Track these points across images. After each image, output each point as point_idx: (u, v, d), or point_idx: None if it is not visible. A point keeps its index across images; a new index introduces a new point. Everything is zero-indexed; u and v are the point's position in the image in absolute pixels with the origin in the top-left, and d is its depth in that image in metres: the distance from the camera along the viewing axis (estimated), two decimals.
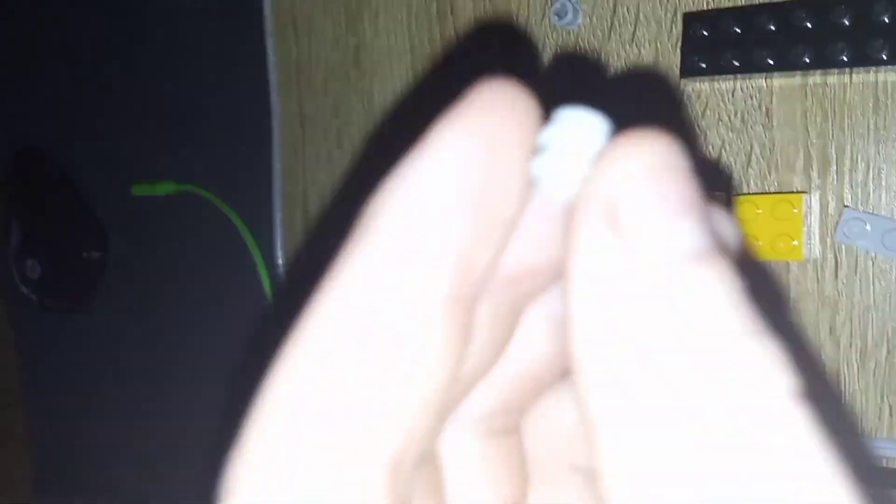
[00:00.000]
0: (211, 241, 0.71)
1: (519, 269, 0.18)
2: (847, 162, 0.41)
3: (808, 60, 0.41)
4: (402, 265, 0.15)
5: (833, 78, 0.42)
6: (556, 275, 0.18)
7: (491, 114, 0.16)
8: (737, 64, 0.44)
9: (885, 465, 0.40)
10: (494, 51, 0.54)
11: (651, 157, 0.15)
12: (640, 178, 0.15)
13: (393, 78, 0.60)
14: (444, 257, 0.15)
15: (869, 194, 0.41)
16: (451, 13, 0.56)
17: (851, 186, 0.41)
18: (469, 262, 0.16)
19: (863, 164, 0.41)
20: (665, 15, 0.47)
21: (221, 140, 0.71)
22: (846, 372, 0.41)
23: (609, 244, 0.15)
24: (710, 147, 0.45)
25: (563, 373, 0.20)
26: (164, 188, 0.71)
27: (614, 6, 0.49)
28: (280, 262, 0.67)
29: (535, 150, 0.16)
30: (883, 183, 0.40)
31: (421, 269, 0.15)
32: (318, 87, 0.64)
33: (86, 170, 0.79)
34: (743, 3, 0.44)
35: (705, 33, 0.45)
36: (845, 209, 0.41)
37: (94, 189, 0.78)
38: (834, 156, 0.42)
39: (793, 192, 0.42)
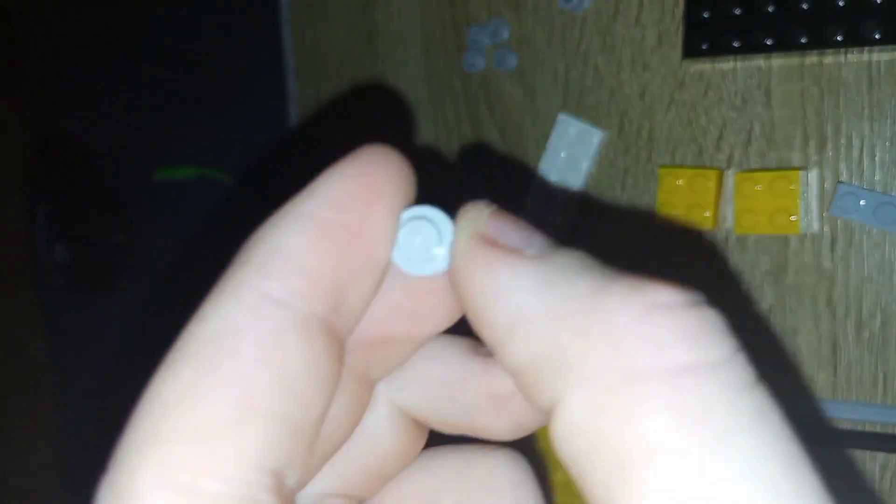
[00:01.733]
0: (231, 222, 0.73)
1: (374, 335, 0.20)
2: (842, 139, 0.43)
3: (804, 41, 0.43)
4: (283, 284, 0.17)
5: (829, 58, 0.43)
6: (405, 353, 0.21)
7: (368, 168, 0.18)
8: (737, 45, 0.45)
9: (880, 430, 0.42)
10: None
11: (489, 208, 0.18)
12: (494, 218, 0.18)
13: (406, 62, 0.61)
14: (321, 283, 0.17)
15: (863, 170, 0.42)
16: None
17: (847, 163, 0.43)
18: (341, 294, 0.18)
19: (857, 141, 0.42)
20: None
21: (241, 125, 0.72)
22: (842, 342, 0.43)
23: (495, 255, 0.17)
24: (712, 126, 0.47)
25: (406, 465, 0.22)
26: (185, 173, 0.73)
27: None
28: None
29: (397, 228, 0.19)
30: (876, 159, 0.42)
31: (301, 290, 0.17)
32: (334, 71, 0.66)
33: (109, 155, 0.81)
34: None
35: (706, 15, 0.46)
36: (839, 184, 0.42)
37: (118, 174, 0.80)
38: (830, 133, 0.43)
39: (791, 169, 0.44)
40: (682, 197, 0.47)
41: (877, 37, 0.41)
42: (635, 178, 0.50)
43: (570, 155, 0.52)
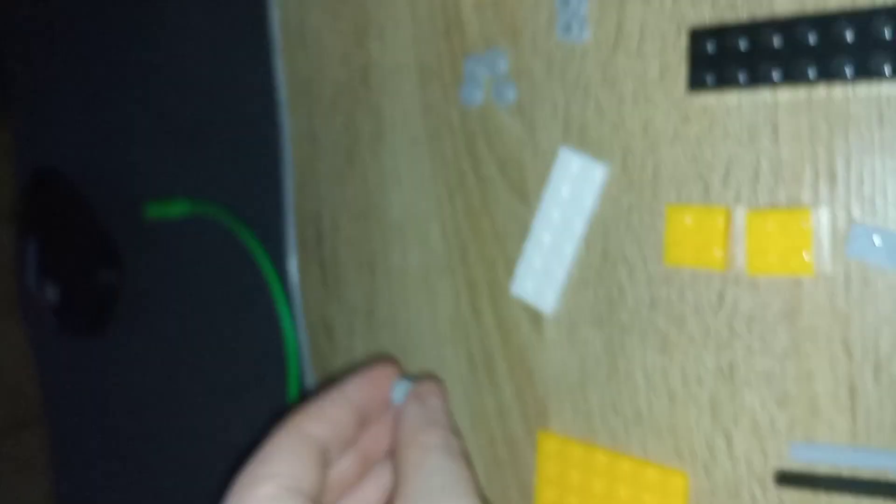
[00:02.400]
0: (225, 262, 0.71)
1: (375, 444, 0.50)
2: (854, 176, 0.41)
3: (813, 75, 0.42)
4: (321, 427, 0.44)
5: (838, 92, 0.42)
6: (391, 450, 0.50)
7: (371, 374, 0.50)
8: (743, 79, 0.44)
9: None
10: None
11: (432, 386, 0.50)
12: (427, 391, 0.49)
13: (401, 94, 0.60)
14: (320, 418, 0.45)
15: (877, 208, 0.41)
16: (458, 29, 0.57)
17: (859, 200, 0.41)
18: (363, 422, 0.48)
19: (869, 178, 0.41)
20: (669, 29, 0.47)
21: (233, 159, 0.71)
22: (860, 386, 0.41)
23: (419, 410, 0.48)
24: (718, 161, 0.45)
25: None
26: (177, 209, 0.72)
27: (619, 21, 0.49)
28: (292, 277, 0.67)
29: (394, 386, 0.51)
30: (889, 197, 0.40)
31: (316, 413, 0.45)
32: (328, 104, 0.64)
33: (100, 192, 0.80)
34: (747, 18, 0.44)
35: (711, 49, 0.45)
36: (853, 225, 0.41)
37: (109, 211, 0.79)
38: (840, 170, 0.42)
39: (802, 207, 0.43)
40: (690, 236, 0.45)
41: (887, 72, 0.40)
42: (640, 214, 0.48)
43: (573, 191, 0.51)
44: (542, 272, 0.52)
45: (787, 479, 0.43)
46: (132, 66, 0.77)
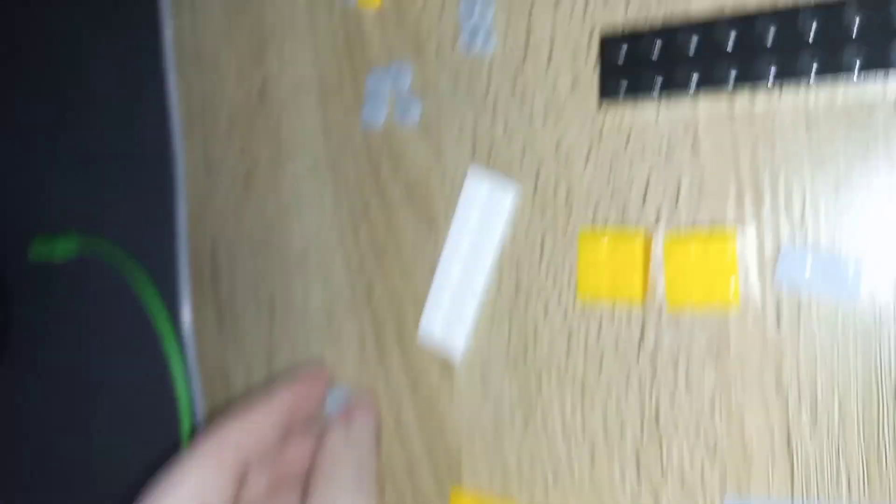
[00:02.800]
0: (115, 303, 0.65)
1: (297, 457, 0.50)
2: (782, 191, 0.37)
3: (734, 79, 0.37)
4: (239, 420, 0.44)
5: (761, 101, 0.37)
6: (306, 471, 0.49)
7: (302, 382, 0.50)
8: (660, 86, 0.39)
9: None
10: None
11: (363, 404, 0.50)
12: (357, 410, 0.50)
13: (300, 114, 0.55)
14: (245, 427, 0.44)
15: (808, 228, 0.36)
16: (360, 41, 0.52)
17: (788, 219, 0.37)
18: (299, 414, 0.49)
19: (798, 194, 0.36)
20: (582, 37, 0.43)
21: (125, 190, 0.65)
22: (797, 429, 0.36)
23: (342, 432, 0.47)
24: (636, 179, 0.41)
25: None
26: (63, 249, 0.66)
27: (528, 30, 0.45)
28: (185, 317, 0.61)
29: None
30: (822, 214, 0.36)
31: (241, 421, 0.44)
32: (224, 128, 0.59)
33: None
34: (662, 21, 0.40)
35: (624, 56, 0.40)
36: (783, 248, 0.36)
37: None
38: (767, 185, 0.37)
39: (725, 228, 0.38)
40: (605, 264, 0.40)
41: (812, 71, 0.35)
42: (554, 242, 0.44)
43: (482, 218, 0.46)
44: (451, 311, 0.47)
45: None
46: (15, 91, 0.71)
